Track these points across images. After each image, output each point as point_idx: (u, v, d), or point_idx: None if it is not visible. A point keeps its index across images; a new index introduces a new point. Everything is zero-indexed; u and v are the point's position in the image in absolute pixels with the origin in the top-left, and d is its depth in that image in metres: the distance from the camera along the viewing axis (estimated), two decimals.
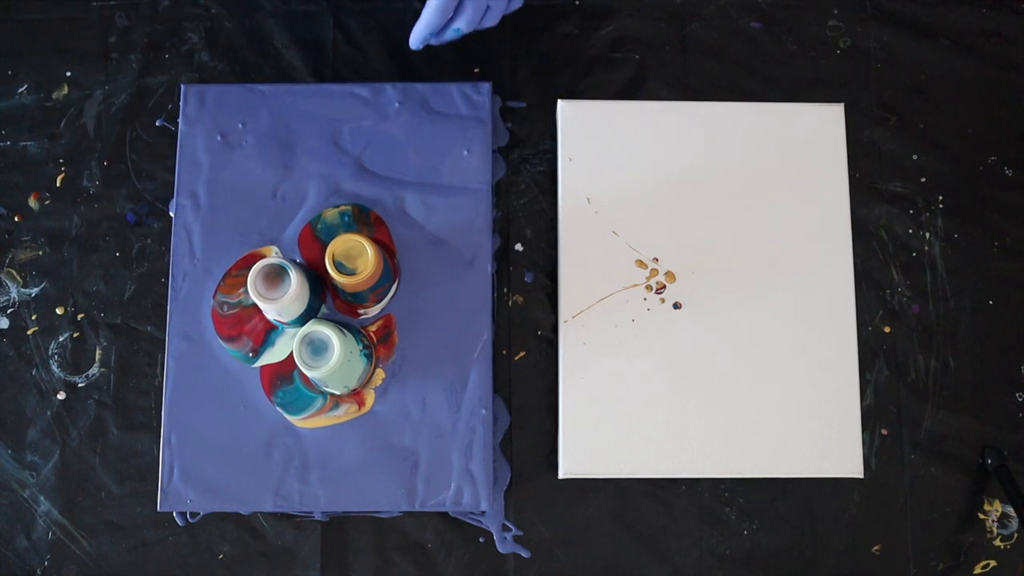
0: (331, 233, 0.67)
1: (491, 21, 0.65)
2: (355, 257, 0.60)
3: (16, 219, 0.71)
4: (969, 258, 0.71)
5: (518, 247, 0.71)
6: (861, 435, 0.67)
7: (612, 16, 0.74)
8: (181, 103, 0.70)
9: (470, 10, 0.62)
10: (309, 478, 0.65)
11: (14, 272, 0.70)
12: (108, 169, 0.71)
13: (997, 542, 0.68)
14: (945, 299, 0.71)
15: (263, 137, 0.69)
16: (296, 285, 0.59)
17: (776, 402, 0.67)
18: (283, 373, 0.66)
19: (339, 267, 0.60)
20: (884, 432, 0.69)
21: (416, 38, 0.64)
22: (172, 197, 0.70)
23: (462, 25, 0.63)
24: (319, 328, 0.58)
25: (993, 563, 0.68)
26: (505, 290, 0.70)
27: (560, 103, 0.70)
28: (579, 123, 0.70)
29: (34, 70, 0.73)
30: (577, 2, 0.74)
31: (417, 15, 0.63)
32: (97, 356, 0.69)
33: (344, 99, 0.70)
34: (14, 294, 0.70)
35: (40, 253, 0.71)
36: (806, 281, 0.68)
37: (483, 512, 0.66)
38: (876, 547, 0.68)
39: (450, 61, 0.73)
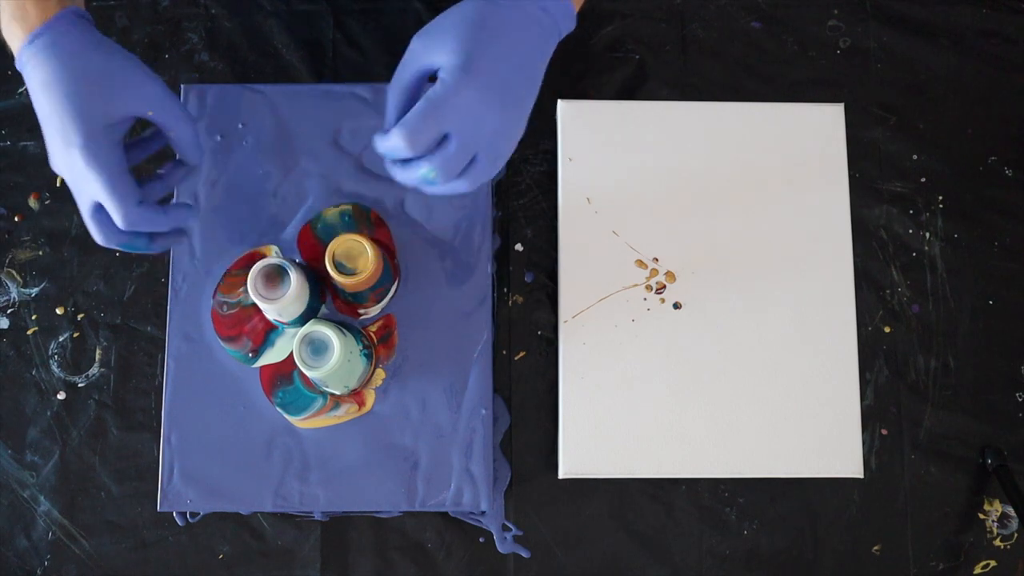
0: (331, 233, 0.67)
1: (464, 186, 0.51)
2: (355, 257, 0.60)
3: (16, 219, 0.71)
4: (969, 258, 0.71)
5: (518, 247, 0.71)
6: (861, 435, 0.67)
7: (612, 16, 0.74)
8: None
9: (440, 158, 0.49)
10: (309, 478, 0.65)
11: (14, 272, 0.70)
12: None
13: (997, 542, 0.68)
14: (945, 299, 0.71)
15: (263, 137, 0.69)
16: (296, 285, 0.59)
17: (776, 402, 0.67)
18: (283, 373, 0.66)
19: (339, 267, 0.60)
20: (884, 432, 0.69)
21: (381, 148, 0.50)
22: (172, 197, 0.69)
23: (437, 172, 0.50)
24: (319, 328, 0.58)
25: (993, 563, 0.68)
26: (505, 290, 0.70)
27: (560, 103, 0.70)
28: (579, 123, 0.70)
29: None
30: None
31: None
32: (97, 356, 0.69)
33: (344, 99, 0.70)
34: (14, 294, 0.70)
35: (40, 253, 0.71)
36: (806, 281, 0.68)
37: (483, 512, 0.66)
38: (876, 547, 0.68)
39: None
